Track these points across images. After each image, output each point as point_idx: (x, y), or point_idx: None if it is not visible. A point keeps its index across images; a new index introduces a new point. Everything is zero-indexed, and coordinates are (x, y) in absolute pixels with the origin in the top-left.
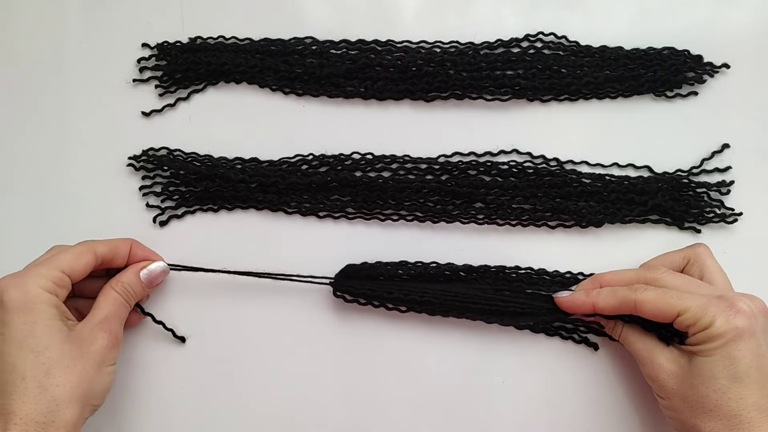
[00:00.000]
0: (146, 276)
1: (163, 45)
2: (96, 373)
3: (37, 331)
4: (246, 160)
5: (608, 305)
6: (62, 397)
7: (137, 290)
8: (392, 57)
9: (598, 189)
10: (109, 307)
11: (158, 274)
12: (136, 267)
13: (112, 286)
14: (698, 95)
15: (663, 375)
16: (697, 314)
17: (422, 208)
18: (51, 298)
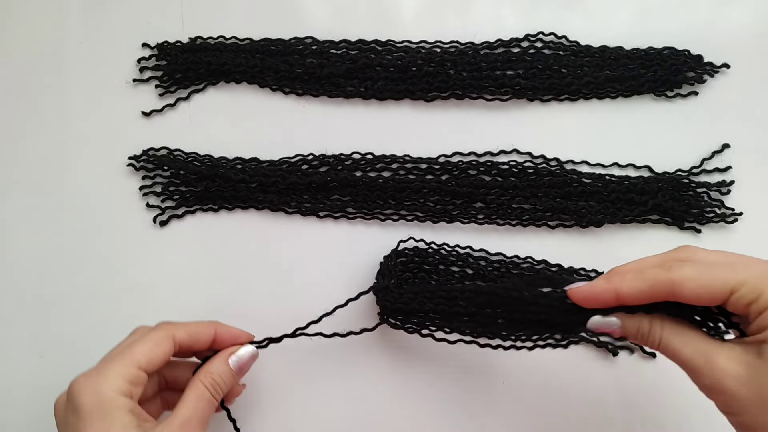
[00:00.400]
0: (235, 363)
1: (163, 45)
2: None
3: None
4: (246, 160)
5: (636, 291)
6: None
7: (227, 381)
8: (392, 57)
9: (598, 189)
10: (193, 404)
11: (247, 360)
12: (225, 354)
13: (201, 378)
14: (698, 95)
15: (731, 382)
16: (758, 286)
17: (422, 208)
18: (126, 402)
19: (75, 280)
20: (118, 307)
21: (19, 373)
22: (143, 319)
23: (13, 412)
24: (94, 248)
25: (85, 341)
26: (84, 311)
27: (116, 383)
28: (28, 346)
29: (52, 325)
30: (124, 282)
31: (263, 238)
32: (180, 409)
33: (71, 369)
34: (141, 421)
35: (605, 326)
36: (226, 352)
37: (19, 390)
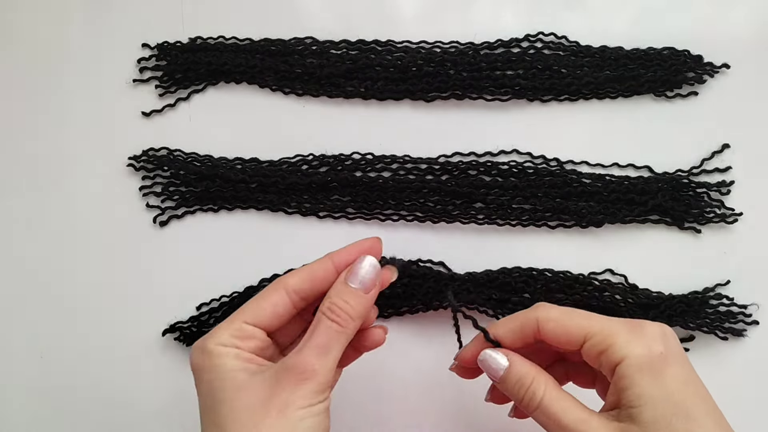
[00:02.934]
0: (355, 280)
1: (163, 45)
2: (282, 420)
3: (212, 387)
4: (246, 160)
5: (508, 330)
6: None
7: (351, 302)
8: (392, 57)
9: (598, 189)
10: (308, 334)
11: (368, 272)
12: (342, 275)
13: (320, 307)
14: (698, 95)
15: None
16: (608, 338)
17: (422, 208)
18: (228, 350)
19: (75, 280)
20: (118, 307)
21: (19, 373)
22: (143, 319)
23: (13, 412)
24: (94, 248)
25: (85, 341)
26: (84, 311)
27: (220, 339)
28: (28, 346)
29: (52, 325)
30: (124, 282)
31: (263, 238)
32: (297, 345)
33: (71, 369)
34: (250, 364)
35: (492, 362)
36: (343, 273)
37: (19, 390)
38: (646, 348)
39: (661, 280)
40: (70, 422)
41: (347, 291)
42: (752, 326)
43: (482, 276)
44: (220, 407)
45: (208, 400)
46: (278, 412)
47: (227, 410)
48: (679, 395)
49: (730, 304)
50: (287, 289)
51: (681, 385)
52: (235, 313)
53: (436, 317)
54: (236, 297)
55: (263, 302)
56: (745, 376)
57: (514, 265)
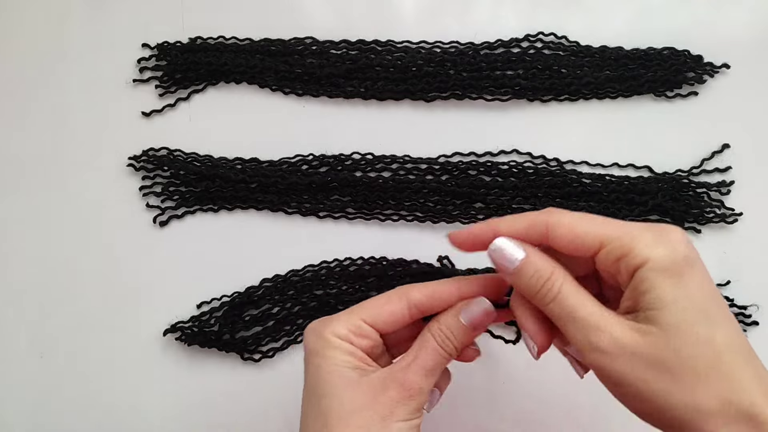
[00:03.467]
0: (467, 318)
1: (163, 45)
2: (382, 427)
3: (322, 376)
4: (246, 160)
5: (512, 230)
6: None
7: (456, 334)
8: (392, 57)
9: (598, 189)
10: (415, 351)
11: (480, 315)
12: (457, 307)
13: (428, 327)
14: (698, 95)
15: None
16: (628, 243)
17: (422, 208)
18: (342, 344)
19: (75, 280)
20: (118, 307)
21: (19, 373)
22: (143, 318)
23: (13, 412)
24: (94, 248)
25: (85, 341)
26: (84, 311)
27: (337, 329)
28: (28, 346)
29: (52, 325)
30: (124, 282)
31: (263, 238)
32: (404, 355)
33: (71, 369)
34: (360, 363)
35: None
36: (458, 305)
37: (19, 390)
38: (670, 249)
39: None
40: (70, 422)
41: (457, 324)
42: (752, 327)
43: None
44: (328, 399)
45: (317, 386)
46: (381, 420)
47: (336, 404)
48: (702, 300)
49: (730, 304)
50: (409, 302)
51: (704, 290)
52: (355, 307)
53: None
54: (236, 297)
55: (385, 307)
56: None
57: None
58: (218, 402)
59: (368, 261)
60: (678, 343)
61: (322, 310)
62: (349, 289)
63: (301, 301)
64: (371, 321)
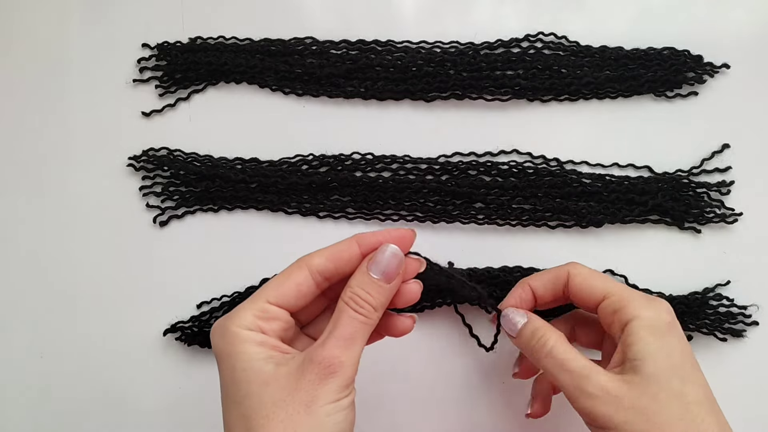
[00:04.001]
0: (376, 269)
1: (163, 45)
2: (306, 415)
3: (236, 377)
4: (246, 160)
5: (541, 283)
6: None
7: (372, 292)
8: (392, 57)
9: (598, 189)
10: (332, 324)
11: (389, 262)
12: (363, 263)
13: (342, 296)
14: (698, 95)
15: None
16: (624, 299)
17: (422, 208)
18: (251, 335)
19: (75, 280)
20: (118, 307)
21: (19, 373)
22: (143, 318)
23: (13, 412)
24: (94, 248)
25: (85, 341)
26: (84, 311)
27: (243, 320)
28: (28, 346)
29: (52, 325)
30: (124, 282)
31: (263, 238)
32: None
33: (71, 369)
34: (275, 352)
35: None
36: (364, 261)
37: (19, 390)
38: (656, 313)
39: (661, 280)
40: (70, 422)
41: (368, 281)
42: (752, 327)
43: (483, 273)
44: (247, 400)
45: (233, 389)
46: (305, 408)
47: (255, 404)
48: (678, 359)
49: (730, 305)
50: (311, 269)
51: (681, 352)
52: (257, 292)
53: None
54: (237, 297)
55: (286, 281)
56: (744, 376)
57: (515, 265)
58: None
59: None
60: (655, 390)
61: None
62: None
63: None
64: (277, 301)
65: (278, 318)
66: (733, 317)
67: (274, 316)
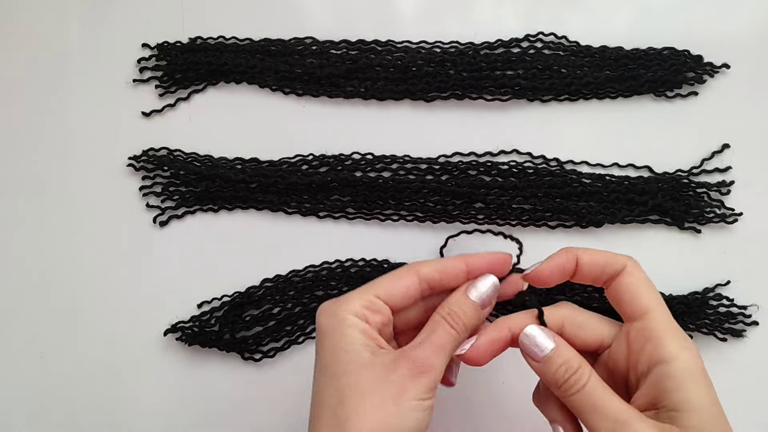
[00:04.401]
0: (475, 295)
1: (163, 45)
2: (393, 405)
3: (338, 355)
4: (246, 160)
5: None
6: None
7: (468, 312)
8: (392, 57)
9: (598, 189)
10: (426, 332)
11: (488, 291)
12: (464, 285)
13: (438, 310)
14: (698, 95)
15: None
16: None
17: (422, 208)
18: (357, 322)
19: (75, 280)
20: (118, 307)
21: (19, 373)
22: (143, 319)
23: (13, 412)
24: (94, 248)
25: (85, 341)
26: (84, 311)
27: (351, 306)
28: (28, 346)
29: (52, 325)
30: (124, 282)
31: (263, 238)
32: (416, 338)
33: (71, 369)
34: (373, 342)
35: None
36: (465, 284)
37: (19, 390)
38: (695, 356)
39: (661, 280)
40: (70, 422)
41: (466, 302)
42: (752, 327)
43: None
44: (344, 378)
45: (333, 364)
46: (393, 398)
47: (352, 382)
48: (718, 408)
49: (730, 305)
50: (420, 276)
51: (717, 400)
52: (367, 285)
53: None
54: (237, 297)
55: (397, 282)
56: (744, 376)
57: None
58: (219, 402)
59: (370, 263)
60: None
61: None
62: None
63: (302, 301)
64: (384, 297)
65: (382, 312)
66: (733, 317)
67: (378, 309)
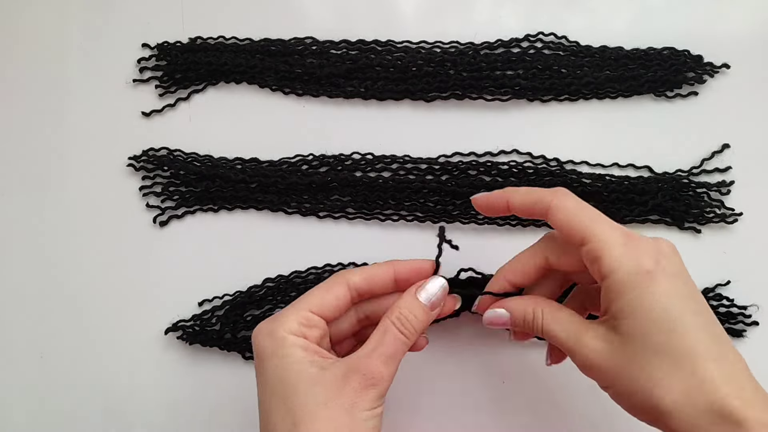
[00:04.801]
0: (425, 297)
1: (163, 45)
2: (347, 417)
3: (284, 375)
4: (246, 160)
5: (522, 203)
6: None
7: (418, 315)
8: (392, 57)
9: (598, 189)
10: (376, 339)
11: (438, 292)
12: (413, 288)
13: (387, 314)
14: (698, 95)
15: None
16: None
17: (422, 208)
18: (296, 340)
19: (75, 279)
20: (117, 307)
21: (19, 373)
22: (143, 319)
23: (13, 412)
24: (94, 248)
25: (85, 341)
26: (84, 311)
27: (287, 325)
28: (28, 346)
29: (52, 325)
30: (123, 282)
31: (263, 238)
32: (364, 345)
33: (71, 369)
34: (317, 357)
35: (496, 318)
36: (413, 287)
37: (19, 390)
38: (634, 263)
39: None
40: (70, 422)
41: (417, 305)
42: (752, 327)
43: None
44: (293, 397)
45: (280, 386)
46: (346, 411)
47: (302, 401)
48: (660, 310)
49: (730, 305)
50: (349, 285)
51: (667, 300)
52: (299, 300)
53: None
54: (239, 296)
55: (327, 294)
56: None
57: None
58: (219, 401)
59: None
60: (635, 349)
61: None
62: None
63: None
64: (317, 310)
65: (318, 326)
66: (733, 317)
67: (314, 324)
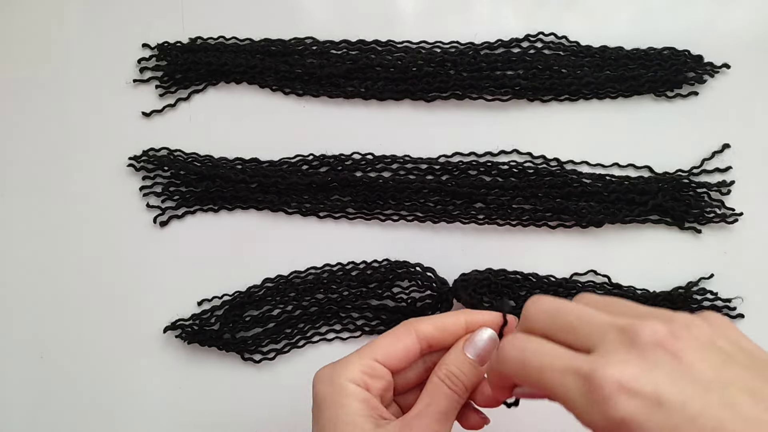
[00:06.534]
0: (471, 350)
1: (164, 45)
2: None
3: (339, 427)
4: (246, 160)
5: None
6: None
7: (465, 371)
8: (392, 57)
9: (599, 189)
10: (426, 398)
11: (485, 345)
12: (460, 342)
13: (435, 371)
14: (698, 95)
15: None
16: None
17: (422, 208)
18: (357, 390)
19: (75, 280)
20: (118, 307)
21: (19, 373)
22: (143, 319)
23: (13, 412)
24: (94, 248)
25: (85, 341)
26: (84, 311)
27: (350, 373)
28: (28, 346)
29: (52, 325)
30: (124, 282)
31: (263, 238)
32: (416, 405)
33: (71, 369)
34: (374, 413)
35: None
36: (461, 340)
37: (19, 390)
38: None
39: (661, 280)
40: (70, 422)
41: (463, 360)
42: (737, 320)
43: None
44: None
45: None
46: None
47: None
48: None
49: (714, 298)
50: (419, 335)
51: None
52: (365, 348)
53: None
54: (238, 296)
55: (397, 343)
56: None
57: (513, 267)
58: (217, 401)
59: (371, 265)
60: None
61: (323, 315)
62: (351, 295)
63: (302, 304)
64: (384, 360)
65: (382, 377)
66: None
67: (379, 375)
